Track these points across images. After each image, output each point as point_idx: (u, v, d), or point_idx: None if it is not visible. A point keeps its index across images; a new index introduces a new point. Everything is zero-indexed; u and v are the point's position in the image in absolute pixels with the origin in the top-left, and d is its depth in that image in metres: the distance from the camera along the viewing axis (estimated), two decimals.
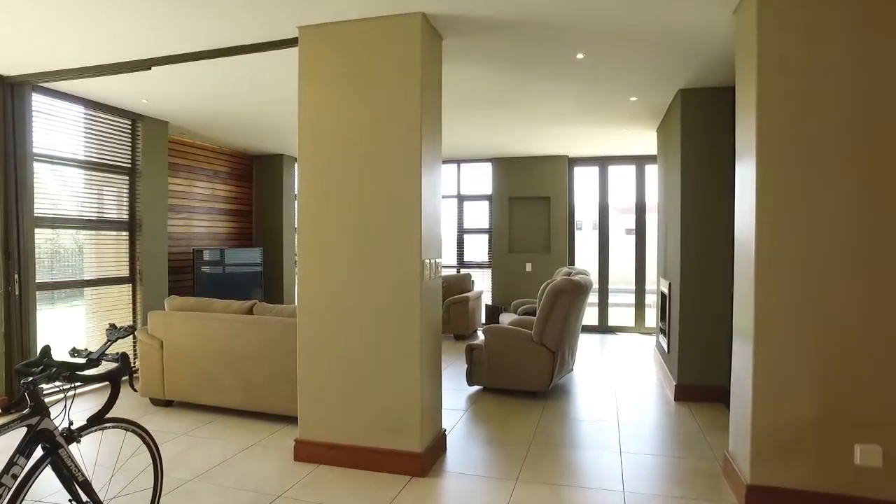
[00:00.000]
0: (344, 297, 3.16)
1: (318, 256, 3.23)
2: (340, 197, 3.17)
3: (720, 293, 4.43)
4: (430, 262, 3.14)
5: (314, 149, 3.22)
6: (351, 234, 3.15)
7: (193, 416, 4.09)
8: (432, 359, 3.28)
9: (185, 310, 4.32)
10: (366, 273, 3.12)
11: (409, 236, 3.04)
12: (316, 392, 3.24)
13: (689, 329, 4.55)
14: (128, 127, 5.38)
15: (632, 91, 4.63)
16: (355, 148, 3.14)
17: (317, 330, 3.23)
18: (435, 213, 3.29)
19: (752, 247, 2.60)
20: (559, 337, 4.47)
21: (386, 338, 3.09)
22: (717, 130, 4.46)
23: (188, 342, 4.18)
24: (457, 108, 5.18)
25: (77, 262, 5.08)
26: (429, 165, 3.17)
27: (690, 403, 4.42)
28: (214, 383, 4.10)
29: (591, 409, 4.37)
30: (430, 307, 3.20)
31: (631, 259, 7.97)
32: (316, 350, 3.23)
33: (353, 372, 3.16)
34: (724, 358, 4.40)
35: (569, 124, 5.92)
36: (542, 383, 4.50)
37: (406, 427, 3.08)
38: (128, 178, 5.40)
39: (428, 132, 3.15)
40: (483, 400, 4.57)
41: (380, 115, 3.09)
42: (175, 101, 4.98)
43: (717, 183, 4.45)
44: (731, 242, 4.51)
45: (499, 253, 8.30)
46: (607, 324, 8.04)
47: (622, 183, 8.13)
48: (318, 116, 3.21)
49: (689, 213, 4.54)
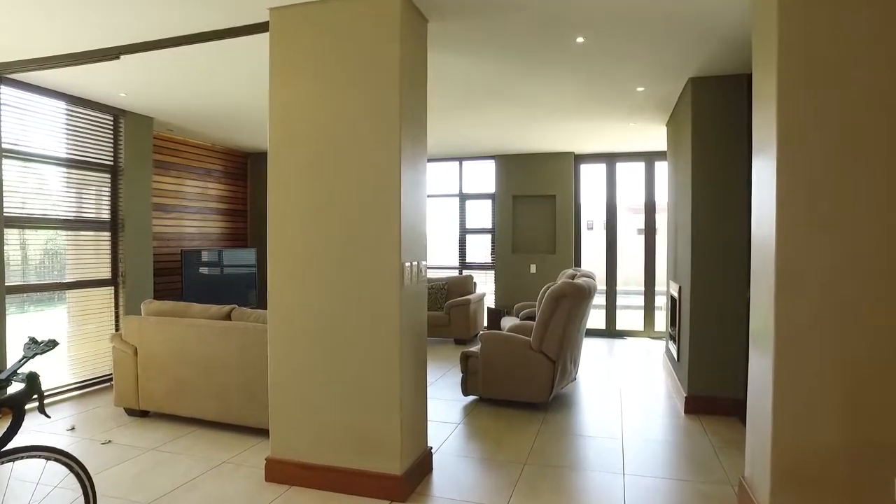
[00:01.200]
0: (317, 303, 2.89)
1: (288, 258, 2.95)
2: (313, 194, 2.90)
3: (734, 297, 4.10)
4: (411, 265, 2.85)
5: (285, 142, 2.95)
6: (324, 234, 2.87)
7: (167, 428, 3.84)
8: (415, 371, 2.99)
9: (161, 314, 4.07)
10: (340, 277, 2.84)
11: (387, 237, 2.75)
12: (287, 406, 2.97)
13: (701, 336, 4.22)
14: (109, 123, 5.15)
15: (638, 80, 4.31)
16: (329, 141, 2.86)
17: (288, 338, 2.95)
18: (418, 212, 3.00)
19: (771, 248, 2.28)
20: (560, 345, 4.16)
21: (362, 347, 2.81)
22: (731, 122, 4.12)
23: (163, 349, 3.93)
24: (450, 100, 4.89)
25: (54, 264, 4.85)
26: (411, 160, 2.88)
27: (702, 417, 4.09)
28: (190, 393, 3.85)
29: (593, 422, 4.06)
30: (412, 314, 2.91)
31: (642, 260, 7.62)
32: (287, 360, 2.96)
33: (326, 385, 2.89)
34: (738, 368, 4.07)
35: (573, 119, 5.60)
36: (542, 394, 4.19)
37: (384, 446, 2.79)
38: (109, 176, 5.17)
39: (410, 123, 2.86)
40: (478, 412, 4.27)
41: (356, 104, 2.81)
42: (155, 94, 4.75)
43: (731, 179, 4.12)
44: (747, 243, 4.17)
45: (502, 254, 8.00)
46: (615, 328, 7.69)
47: (632, 181, 7.79)
48: (290, 106, 2.94)
49: (700, 212, 4.21)
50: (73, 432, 3.75)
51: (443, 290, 7.51)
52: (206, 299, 5.72)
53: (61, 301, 4.96)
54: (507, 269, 7.97)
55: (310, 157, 2.89)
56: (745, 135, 4.08)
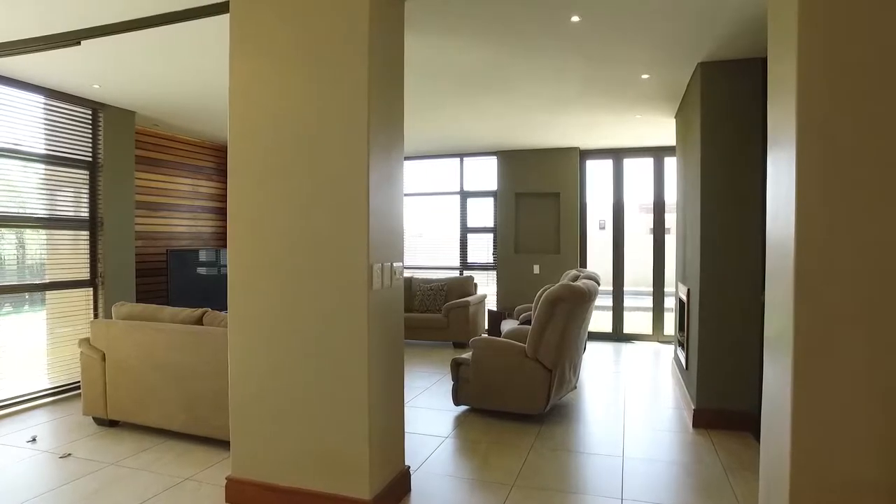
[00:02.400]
0: (276, 309, 2.62)
1: (246, 260, 2.69)
2: (273, 188, 2.62)
3: (747, 301, 3.76)
4: (381, 267, 2.56)
5: (245, 132, 2.68)
6: (284, 233, 2.60)
7: (134, 439, 3.59)
8: (389, 383, 2.70)
9: (131, 318, 3.83)
10: (301, 280, 2.57)
11: (353, 236, 2.47)
12: (249, 422, 2.70)
13: (710, 343, 3.89)
14: (87, 117, 4.94)
15: (642, 67, 3.98)
16: (291, 131, 2.58)
17: (248, 346, 2.69)
18: (392, 209, 2.72)
19: (790, 247, 1.96)
20: (556, 352, 3.85)
21: (326, 358, 2.53)
22: (744, 111, 3.79)
23: (131, 355, 3.68)
24: (443, 90, 4.60)
25: (29, 265, 4.64)
26: (383, 152, 2.60)
27: (711, 432, 3.75)
28: (159, 402, 3.60)
29: (592, 437, 3.75)
30: (384, 320, 2.63)
31: (650, 260, 7.26)
32: (247, 370, 2.69)
33: (289, 398, 2.61)
34: (752, 378, 3.73)
35: (575, 111, 5.28)
36: (537, 405, 3.89)
37: (351, 468, 2.51)
38: (88, 173, 4.96)
39: (382, 113, 2.58)
40: (468, 423, 3.98)
41: (320, 90, 2.53)
42: (134, 87, 4.51)
43: (744, 173, 3.78)
44: (761, 242, 3.85)
45: (504, 254, 7.69)
46: (622, 331, 7.35)
47: (640, 178, 7.43)
48: (250, 93, 2.67)
49: (710, 208, 3.88)
50: (34, 444, 3.52)
51: (442, 292, 7.23)
52: (193, 301, 5.48)
53: (37, 303, 4.76)
54: (509, 269, 7.66)
55: (270, 149, 2.62)
56: (760, 125, 3.75)
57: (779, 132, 2.19)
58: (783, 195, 2.10)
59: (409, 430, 3.81)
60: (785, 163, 2.07)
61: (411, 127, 6.15)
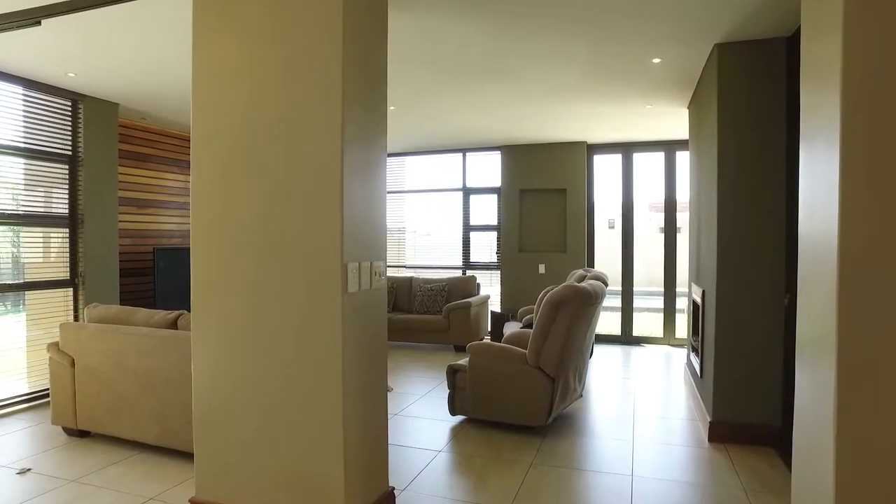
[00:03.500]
0: (242, 313, 2.34)
1: (209, 260, 2.41)
2: (238, 182, 2.35)
3: (769, 304, 3.44)
4: (358, 267, 2.28)
5: (208, 120, 2.41)
6: (249, 229, 2.33)
7: (104, 452, 3.34)
8: (368, 396, 2.42)
9: (103, 321, 3.58)
10: (268, 281, 2.29)
11: (324, 232, 2.19)
12: (213, 437, 2.43)
13: (728, 349, 3.57)
14: (67, 109, 4.70)
15: (653, 49, 3.67)
16: (258, 118, 2.31)
17: (211, 355, 2.42)
18: (371, 202, 2.43)
19: (832, 246, 1.65)
20: (560, 359, 3.55)
21: (295, 369, 2.26)
22: (765, 98, 3.46)
23: (101, 361, 3.43)
24: (437, 77, 4.31)
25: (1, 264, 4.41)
26: (360, 141, 2.32)
27: (729, 447, 3.44)
28: (130, 412, 3.35)
29: (599, 453, 3.44)
30: (362, 326, 2.35)
31: (661, 260, 6.93)
32: (211, 382, 2.42)
33: (256, 413, 2.34)
34: (773, 389, 3.42)
35: (581, 100, 4.97)
36: (539, 416, 3.59)
37: (325, 489, 2.24)
38: (68, 168, 4.72)
39: (359, 97, 2.29)
40: (465, 436, 3.69)
41: (289, 73, 2.25)
42: (111, 76, 4.26)
43: (765, 167, 3.46)
44: (785, 241, 3.53)
45: (508, 253, 7.39)
46: (631, 333, 7.02)
47: (650, 173, 7.10)
48: (215, 76, 2.39)
49: (727, 205, 3.56)
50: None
51: (443, 293, 6.94)
52: (181, 303, 5.21)
53: (18, 304, 4.53)
54: (513, 269, 7.35)
55: (235, 138, 2.35)
56: (784, 112, 3.43)
57: (816, 120, 1.88)
58: (823, 189, 1.78)
59: (400, 442, 3.54)
60: (824, 154, 1.76)
61: (410, 120, 5.87)
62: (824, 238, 1.75)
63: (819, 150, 1.84)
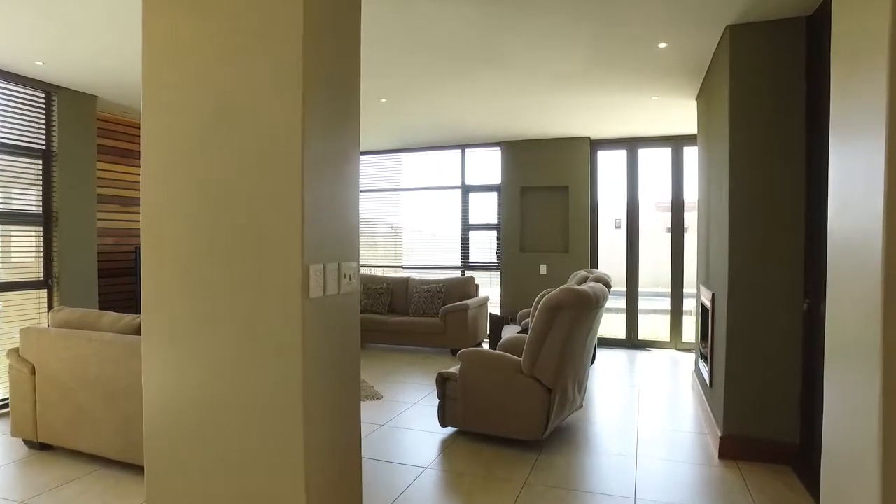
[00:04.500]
0: (192, 320, 2.09)
1: (158, 260, 2.16)
2: (189, 173, 2.09)
3: (786, 309, 3.16)
4: (323, 269, 2.01)
5: (159, 102, 2.15)
6: (200, 226, 2.07)
7: (63, 467, 3.10)
8: (336, 415, 2.16)
9: (68, 325, 3.34)
10: (223, 285, 2.03)
11: (283, 230, 1.93)
12: (165, 458, 2.18)
13: (740, 358, 3.28)
14: (40, 101, 4.47)
15: (659, 33, 3.39)
16: (211, 101, 2.05)
17: (164, 367, 2.16)
18: (340, 195, 2.17)
19: (874, 245, 1.38)
20: (557, 369, 3.28)
21: (253, 383, 2.00)
22: (783, 85, 3.17)
23: (63, 369, 3.19)
24: (426, 65, 4.05)
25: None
26: (326, 127, 2.05)
27: (742, 465, 3.15)
28: (91, 424, 3.11)
29: (599, 471, 3.17)
30: (329, 336, 2.08)
31: (668, 260, 6.63)
32: (164, 398, 2.17)
33: (212, 434, 2.08)
34: (791, 402, 3.14)
35: (582, 91, 4.69)
36: (534, 430, 3.32)
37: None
38: (41, 163, 4.49)
39: (322, 75, 2.03)
40: (455, 449, 3.42)
41: (244, 47, 1.99)
42: (84, 65, 4.02)
43: (783, 161, 3.18)
44: (806, 241, 3.22)
45: (509, 253, 7.11)
46: (636, 337, 6.72)
47: (657, 170, 6.80)
48: (166, 54, 2.13)
49: (740, 203, 3.27)
50: None
51: (440, 294, 6.67)
52: None
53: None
54: (514, 270, 7.08)
55: (186, 123, 2.09)
56: (803, 101, 3.13)
57: (852, 106, 1.60)
58: (860, 184, 1.50)
59: (384, 457, 3.28)
60: (864, 145, 1.48)
61: (403, 113, 5.60)
62: (862, 236, 1.47)
63: (856, 141, 1.56)
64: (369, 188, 7.84)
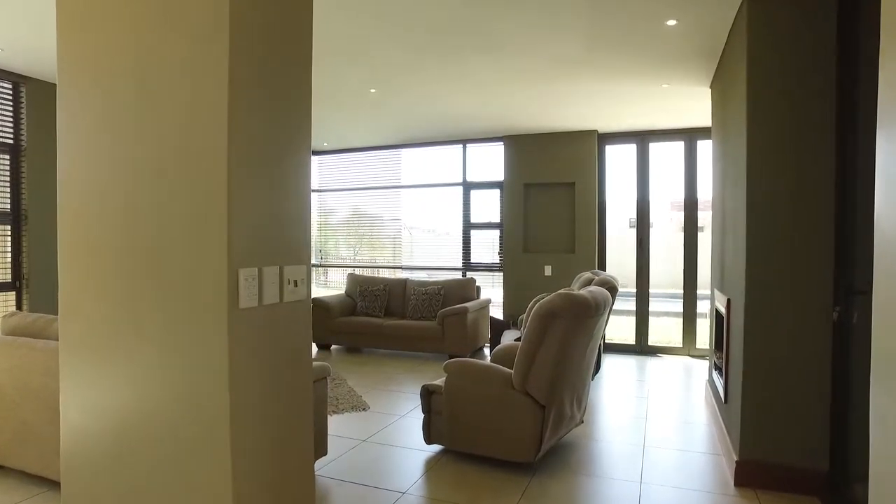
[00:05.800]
0: (109, 334, 1.79)
1: (77, 262, 1.87)
2: (106, 163, 1.79)
3: (813, 319, 2.78)
4: (255, 274, 1.69)
5: (72, 81, 1.86)
6: (117, 227, 1.77)
7: (6, 491, 2.82)
8: (281, 447, 1.84)
9: (17, 332, 3.07)
10: (142, 291, 1.73)
11: (206, 228, 1.61)
12: (84, 486, 1.88)
13: (760, 373, 2.91)
14: (6, 92, 4.22)
15: (667, 7, 3.03)
16: (122, 76, 1.74)
17: (82, 381, 1.86)
18: (283, 187, 1.84)
19: None
20: (552, 383, 2.93)
21: (176, 404, 1.68)
22: (809, 66, 2.79)
23: (7, 380, 2.92)
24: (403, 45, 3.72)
25: None
26: (262, 109, 1.74)
27: (761, 494, 2.78)
28: (35, 442, 2.83)
29: (598, 499, 2.82)
30: (265, 353, 1.76)
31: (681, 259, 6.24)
32: (83, 418, 1.87)
33: (132, 467, 1.78)
34: (818, 423, 2.76)
35: (585, 77, 4.33)
36: (526, 451, 2.98)
37: None
38: (9, 158, 4.24)
39: (256, 55, 1.71)
40: (439, 472, 3.09)
41: (163, 19, 1.68)
42: (50, 50, 3.76)
43: (809, 153, 2.79)
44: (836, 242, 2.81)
45: (511, 253, 6.76)
46: (646, 343, 6.33)
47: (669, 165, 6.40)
48: (85, 27, 1.84)
49: (759, 199, 2.90)
50: None
51: (438, 296, 6.34)
52: None
53: None
54: (517, 270, 6.73)
55: (102, 104, 1.79)
56: (833, 85, 2.75)
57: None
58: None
59: (361, 479, 2.97)
60: None
61: (395, 106, 5.28)
62: None
63: None
64: (367, 185, 7.54)
